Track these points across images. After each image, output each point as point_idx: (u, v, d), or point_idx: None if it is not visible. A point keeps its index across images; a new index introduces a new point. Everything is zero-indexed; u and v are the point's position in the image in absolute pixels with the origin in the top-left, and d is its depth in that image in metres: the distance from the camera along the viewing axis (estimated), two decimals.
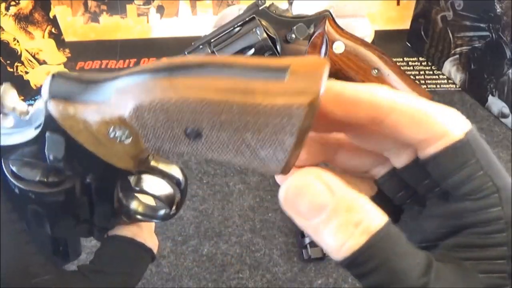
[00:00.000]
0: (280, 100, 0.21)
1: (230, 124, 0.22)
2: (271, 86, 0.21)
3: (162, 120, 0.23)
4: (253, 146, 0.22)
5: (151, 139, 0.24)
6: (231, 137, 0.22)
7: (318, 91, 0.20)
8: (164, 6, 0.74)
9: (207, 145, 0.23)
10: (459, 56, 0.65)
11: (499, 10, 0.57)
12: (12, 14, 0.62)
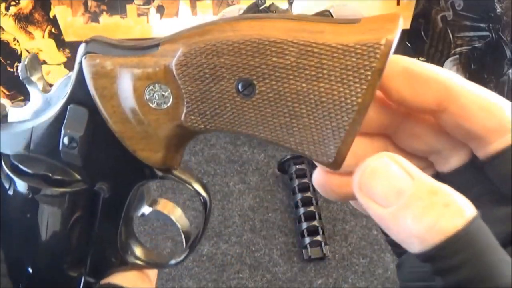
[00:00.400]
0: (351, 39, 0.19)
1: (293, 70, 0.19)
2: (342, 27, 0.19)
3: (214, 67, 0.20)
4: (314, 101, 0.20)
5: (194, 98, 0.20)
6: (290, 89, 0.20)
7: (395, 29, 0.19)
8: (164, 6, 0.74)
9: (258, 104, 0.20)
10: (459, 56, 0.65)
11: (499, 10, 0.57)
12: (12, 14, 0.62)
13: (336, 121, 0.20)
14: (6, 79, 0.65)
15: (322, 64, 0.19)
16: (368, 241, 0.54)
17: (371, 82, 0.19)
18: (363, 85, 0.19)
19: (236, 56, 0.20)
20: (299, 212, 0.53)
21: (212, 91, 0.20)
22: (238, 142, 0.63)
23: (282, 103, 0.20)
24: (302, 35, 0.19)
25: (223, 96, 0.20)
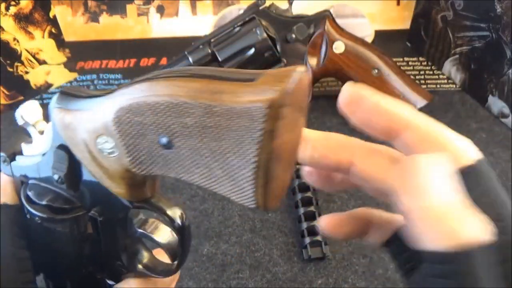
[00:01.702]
0: (244, 99, 0.20)
1: (198, 129, 0.21)
2: (240, 87, 0.21)
3: (139, 124, 0.23)
4: (219, 157, 0.21)
5: (131, 150, 0.24)
6: (201, 145, 0.22)
7: (282, 89, 0.19)
8: (164, 6, 0.74)
9: (178, 156, 0.22)
10: (459, 56, 0.65)
11: (499, 10, 0.57)
12: (12, 14, 0.62)
13: (242, 175, 0.21)
14: (6, 79, 0.65)
15: (220, 125, 0.21)
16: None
17: (264, 143, 0.20)
18: (256, 145, 0.20)
19: (153, 116, 0.22)
20: (299, 212, 0.53)
21: (143, 144, 0.23)
22: None
23: (197, 157, 0.22)
24: (204, 96, 0.21)
25: (151, 149, 0.23)
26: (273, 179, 0.21)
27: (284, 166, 0.22)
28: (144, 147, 0.23)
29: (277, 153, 0.21)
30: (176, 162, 0.23)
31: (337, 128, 0.63)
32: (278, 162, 0.21)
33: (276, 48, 0.59)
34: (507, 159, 0.59)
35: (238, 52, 0.58)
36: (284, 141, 0.21)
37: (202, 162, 0.22)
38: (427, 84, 0.68)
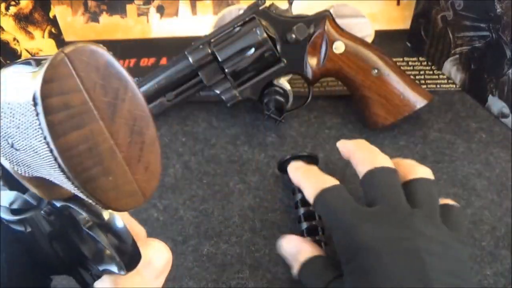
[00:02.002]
0: (25, 92, 0.19)
1: (14, 129, 0.20)
2: (27, 77, 0.20)
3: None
4: (39, 157, 0.20)
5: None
6: (25, 145, 0.20)
7: (39, 81, 0.18)
8: (164, 6, 0.74)
9: (24, 156, 0.21)
10: (459, 56, 0.65)
11: (499, 10, 0.57)
12: (12, 14, 0.62)
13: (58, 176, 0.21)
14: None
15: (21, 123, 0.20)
16: None
17: (50, 141, 0.19)
18: (45, 145, 0.19)
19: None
20: (299, 212, 0.53)
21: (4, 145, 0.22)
22: (238, 142, 0.63)
23: (33, 157, 0.21)
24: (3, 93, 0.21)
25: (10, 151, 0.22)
26: (92, 181, 0.20)
27: (105, 168, 0.20)
28: (6, 148, 0.22)
29: (72, 153, 0.19)
30: (27, 162, 0.22)
31: (337, 128, 0.63)
32: (84, 163, 0.20)
33: (276, 48, 0.59)
34: (507, 159, 0.59)
35: (238, 52, 0.58)
36: (75, 138, 0.19)
37: (39, 163, 0.21)
38: (427, 84, 0.68)
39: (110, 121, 0.20)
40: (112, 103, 0.20)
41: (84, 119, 0.19)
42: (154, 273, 0.28)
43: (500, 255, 0.52)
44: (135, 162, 0.21)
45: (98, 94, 0.20)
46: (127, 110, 0.21)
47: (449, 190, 0.57)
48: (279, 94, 0.60)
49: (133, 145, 0.21)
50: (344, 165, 0.60)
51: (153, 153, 0.22)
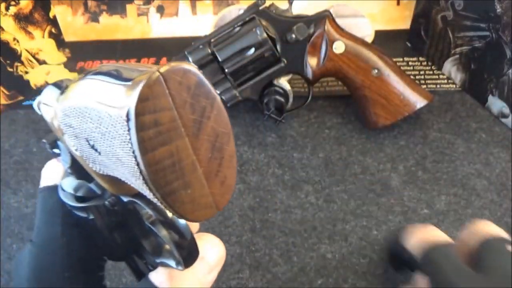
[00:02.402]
0: (116, 105, 0.20)
1: (100, 135, 0.21)
2: (118, 90, 0.20)
3: (70, 126, 0.23)
4: (121, 164, 0.21)
5: (78, 149, 0.23)
6: (109, 150, 0.21)
7: (136, 98, 0.19)
8: (164, 6, 0.74)
9: (104, 159, 0.22)
10: (459, 56, 0.65)
11: (499, 10, 0.57)
12: (12, 14, 0.62)
13: (140, 185, 0.21)
14: (6, 79, 0.65)
15: (108, 131, 0.20)
16: (368, 241, 0.54)
17: (138, 155, 0.19)
18: (132, 157, 0.20)
19: (75, 119, 0.22)
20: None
21: (82, 144, 0.23)
22: (238, 142, 0.63)
23: (114, 162, 0.21)
24: (92, 100, 0.21)
25: (88, 150, 0.23)
26: (172, 194, 0.21)
27: (185, 182, 0.21)
28: (84, 147, 0.23)
29: (157, 168, 0.20)
30: (106, 164, 0.22)
31: (337, 128, 0.63)
32: (167, 177, 0.20)
33: (276, 48, 0.59)
34: (507, 159, 0.59)
35: (238, 52, 0.58)
36: (161, 154, 0.20)
37: (119, 169, 0.21)
38: (427, 84, 0.68)
39: (195, 138, 0.21)
40: (198, 120, 0.21)
41: (172, 136, 0.20)
42: (207, 267, 0.28)
43: None
44: (213, 176, 0.22)
45: (186, 112, 0.20)
46: (211, 127, 0.21)
47: (449, 190, 0.57)
48: (279, 94, 0.60)
49: (213, 161, 0.22)
50: (344, 165, 0.60)
51: (230, 168, 0.23)
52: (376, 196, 0.57)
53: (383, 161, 0.60)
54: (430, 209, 0.56)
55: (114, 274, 0.51)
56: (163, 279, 0.27)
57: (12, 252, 0.54)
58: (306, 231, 0.54)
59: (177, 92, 0.20)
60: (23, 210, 0.57)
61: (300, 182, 0.59)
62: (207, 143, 0.21)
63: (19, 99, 0.67)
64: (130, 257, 0.32)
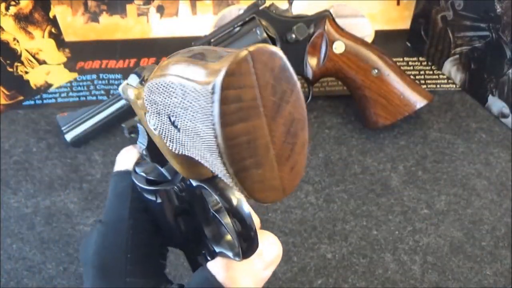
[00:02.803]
0: (201, 80, 0.21)
1: (183, 110, 0.22)
2: (206, 67, 0.21)
3: (154, 103, 0.24)
4: (200, 139, 0.22)
5: (157, 128, 0.24)
6: (189, 126, 0.22)
7: (222, 73, 0.20)
8: (164, 6, 0.74)
9: (184, 136, 0.23)
10: (459, 56, 0.65)
11: (499, 10, 0.57)
12: (12, 14, 0.62)
13: (215, 161, 0.21)
14: (6, 79, 0.64)
15: (192, 105, 0.21)
16: (368, 241, 0.54)
17: (217, 128, 0.20)
18: (211, 130, 0.20)
19: (159, 95, 0.23)
20: None
21: (164, 121, 0.24)
22: None
23: (192, 138, 0.22)
24: (179, 76, 0.22)
25: (169, 127, 0.24)
26: (244, 171, 0.22)
27: (257, 161, 0.22)
28: (165, 125, 0.24)
29: (234, 143, 0.21)
30: (183, 141, 0.23)
31: (337, 128, 0.63)
32: (241, 153, 0.21)
33: None
34: (507, 159, 0.59)
35: None
36: (239, 130, 0.21)
37: (196, 145, 0.22)
38: (427, 84, 0.68)
39: (272, 120, 0.21)
40: (277, 103, 0.21)
41: (251, 114, 0.21)
42: (264, 264, 0.28)
43: (500, 255, 0.52)
44: (284, 160, 0.23)
45: (268, 93, 0.21)
46: (288, 111, 0.22)
47: (449, 190, 0.57)
48: None
49: (286, 145, 0.22)
50: (344, 165, 0.60)
51: (301, 155, 0.23)
52: (376, 196, 0.57)
53: (383, 161, 0.60)
54: (430, 209, 0.56)
55: None
56: (220, 268, 0.28)
57: (12, 252, 0.54)
58: (306, 231, 0.54)
59: (261, 72, 0.21)
60: (23, 210, 0.57)
61: (300, 182, 0.58)
62: (283, 127, 0.22)
63: (19, 99, 0.67)
64: (190, 246, 0.32)
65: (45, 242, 0.55)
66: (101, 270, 0.30)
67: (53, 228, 0.56)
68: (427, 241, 0.53)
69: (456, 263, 0.52)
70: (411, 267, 0.52)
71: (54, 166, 0.61)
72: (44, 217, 0.57)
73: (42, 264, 0.53)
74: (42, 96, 0.68)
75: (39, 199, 0.58)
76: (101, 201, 0.58)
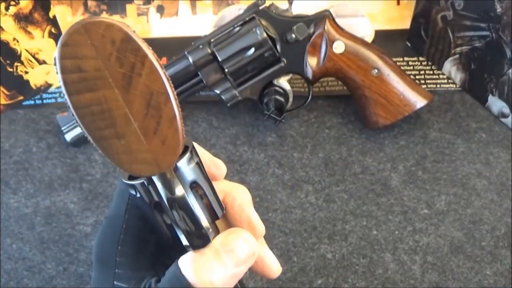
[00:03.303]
0: None
1: None
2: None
3: None
4: None
5: None
6: None
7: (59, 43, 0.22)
8: (164, 6, 0.74)
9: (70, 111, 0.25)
10: (459, 56, 0.65)
11: (499, 10, 0.57)
12: (12, 14, 0.62)
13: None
14: (6, 79, 0.64)
15: None
16: (368, 241, 0.54)
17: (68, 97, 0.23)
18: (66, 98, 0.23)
19: None
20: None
21: None
22: (238, 142, 0.62)
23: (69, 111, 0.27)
24: None
25: None
26: (104, 140, 0.23)
27: (117, 132, 0.23)
28: None
29: (85, 111, 0.22)
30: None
31: (337, 128, 0.63)
32: (97, 122, 0.23)
33: (276, 48, 0.59)
34: (507, 159, 0.59)
35: (238, 52, 0.58)
36: (88, 99, 0.22)
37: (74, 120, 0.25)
38: (427, 84, 0.68)
39: (125, 91, 0.23)
40: (128, 75, 0.22)
41: (98, 84, 0.22)
42: (235, 260, 0.29)
43: (500, 255, 0.52)
44: (151, 134, 0.24)
45: (112, 64, 0.22)
46: (143, 84, 0.23)
47: (449, 190, 0.57)
48: (279, 94, 0.60)
49: (150, 118, 0.23)
50: (344, 165, 0.60)
51: (172, 129, 0.24)
52: (376, 196, 0.57)
53: (383, 161, 0.60)
54: (430, 209, 0.56)
55: None
56: (187, 262, 0.28)
57: (12, 252, 0.54)
58: (306, 231, 0.54)
59: (100, 44, 0.22)
60: (23, 210, 0.57)
61: (300, 182, 0.59)
62: (140, 99, 0.23)
63: (19, 99, 0.67)
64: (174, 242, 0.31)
65: (45, 242, 0.55)
66: (98, 261, 0.31)
67: (53, 228, 0.56)
68: (427, 241, 0.53)
69: (456, 263, 0.52)
70: (411, 267, 0.52)
71: (54, 166, 0.61)
72: (44, 217, 0.57)
73: (42, 264, 0.53)
74: (42, 96, 0.68)
75: (39, 199, 0.58)
76: (101, 201, 0.58)
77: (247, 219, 0.33)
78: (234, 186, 0.36)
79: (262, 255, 0.34)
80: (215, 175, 0.35)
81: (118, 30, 0.22)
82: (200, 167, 0.29)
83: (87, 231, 0.55)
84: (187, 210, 0.28)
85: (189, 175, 0.28)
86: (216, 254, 0.28)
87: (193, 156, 0.28)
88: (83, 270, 0.53)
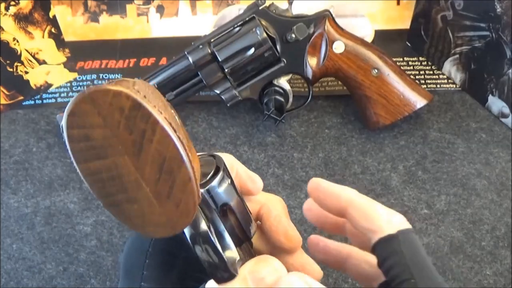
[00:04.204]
0: None
1: None
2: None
3: None
4: None
5: None
6: None
7: (65, 113, 0.21)
8: (164, 6, 0.74)
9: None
10: (459, 56, 0.65)
11: (499, 10, 0.57)
12: (12, 14, 0.62)
13: None
14: (6, 79, 0.64)
15: None
16: None
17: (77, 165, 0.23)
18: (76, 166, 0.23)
19: None
20: None
21: None
22: (238, 142, 0.62)
23: None
24: None
25: None
26: (116, 205, 0.23)
27: (129, 197, 0.22)
28: None
29: (95, 178, 0.22)
30: None
31: (337, 128, 0.63)
32: (108, 189, 0.22)
33: (276, 48, 0.59)
34: (507, 159, 0.59)
35: (238, 52, 0.58)
36: (98, 167, 0.22)
37: None
38: (427, 84, 0.68)
39: (135, 157, 0.22)
40: (138, 141, 0.22)
41: (107, 152, 0.22)
42: None
43: (500, 255, 0.52)
44: (164, 198, 0.23)
45: (122, 132, 0.21)
46: (154, 149, 0.22)
47: (449, 190, 0.57)
48: (279, 94, 0.60)
49: (162, 182, 0.23)
50: (344, 165, 0.60)
51: (186, 194, 0.23)
52: (376, 196, 0.57)
53: (383, 161, 0.60)
54: (430, 209, 0.56)
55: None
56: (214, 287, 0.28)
57: (12, 252, 0.54)
58: (306, 231, 0.54)
59: (108, 112, 0.21)
60: (23, 210, 0.57)
61: (300, 182, 0.59)
62: (152, 164, 0.22)
63: (19, 99, 0.67)
64: None
65: (45, 242, 0.55)
66: (125, 272, 0.32)
67: (53, 228, 0.56)
68: (427, 241, 0.53)
69: (456, 263, 0.52)
70: None
71: (54, 166, 0.61)
72: (44, 217, 0.57)
73: (42, 264, 0.53)
74: (42, 96, 0.68)
75: (39, 199, 0.58)
76: None
77: (283, 230, 0.32)
78: (269, 198, 0.34)
79: (302, 263, 0.33)
80: (251, 190, 0.33)
81: (126, 97, 0.21)
82: (232, 188, 0.28)
83: (87, 231, 0.55)
84: (210, 244, 0.27)
85: (220, 198, 0.27)
86: (243, 281, 0.27)
87: (225, 178, 0.27)
88: (83, 270, 0.53)
